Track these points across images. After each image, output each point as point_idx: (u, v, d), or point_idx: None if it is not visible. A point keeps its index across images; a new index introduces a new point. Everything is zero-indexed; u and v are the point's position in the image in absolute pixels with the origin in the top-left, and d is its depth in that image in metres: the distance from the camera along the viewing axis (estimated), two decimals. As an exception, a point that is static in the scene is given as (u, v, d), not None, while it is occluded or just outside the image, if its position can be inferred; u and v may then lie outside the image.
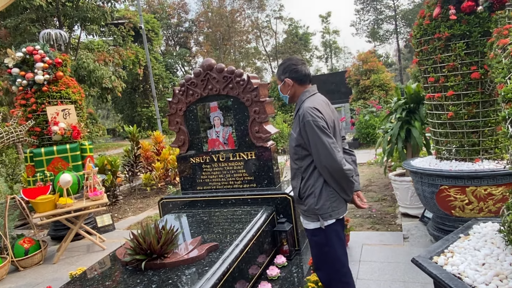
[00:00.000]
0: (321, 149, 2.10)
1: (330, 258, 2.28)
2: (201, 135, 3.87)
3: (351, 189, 2.25)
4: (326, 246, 2.26)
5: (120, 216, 6.45)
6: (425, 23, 3.29)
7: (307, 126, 2.14)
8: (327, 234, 2.24)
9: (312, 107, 2.17)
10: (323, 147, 2.09)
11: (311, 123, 2.12)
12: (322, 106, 2.25)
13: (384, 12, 37.15)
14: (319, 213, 2.20)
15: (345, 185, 2.19)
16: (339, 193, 2.22)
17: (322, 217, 2.20)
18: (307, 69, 2.36)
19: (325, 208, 2.20)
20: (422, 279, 3.01)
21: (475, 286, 1.54)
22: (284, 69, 2.37)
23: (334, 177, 2.15)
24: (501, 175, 2.99)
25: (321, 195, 2.20)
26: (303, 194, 2.27)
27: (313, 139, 2.12)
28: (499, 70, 2.26)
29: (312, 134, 2.12)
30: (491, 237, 1.95)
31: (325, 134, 2.11)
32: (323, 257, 2.31)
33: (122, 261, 2.63)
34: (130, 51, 19.47)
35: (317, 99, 2.29)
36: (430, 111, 3.53)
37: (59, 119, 5.01)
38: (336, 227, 2.26)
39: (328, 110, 2.28)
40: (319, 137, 2.10)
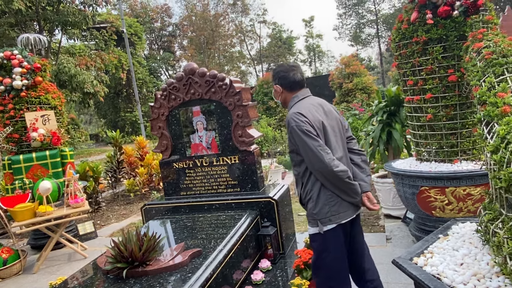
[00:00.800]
0: (309, 153, 2.09)
1: (327, 264, 2.21)
2: (184, 139, 3.84)
3: (353, 191, 2.16)
4: (325, 252, 2.20)
5: (102, 223, 6.33)
6: (403, 27, 3.35)
7: (293, 132, 2.14)
8: (326, 239, 2.18)
9: (295, 112, 2.16)
10: (310, 151, 2.07)
11: (295, 129, 2.11)
12: (309, 109, 2.20)
13: (365, 16, 37.81)
14: (318, 218, 2.16)
15: (342, 187, 2.12)
16: (341, 196, 2.15)
17: (321, 222, 2.15)
18: (297, 75, 2.33)
19: (323, 213, 2.15)
20: (404, 279, 3.05)
21: (454, 286, 1.56)
22: (274, 76, 2.40)
23: (329, 180, 2.11)
24: (479, 175, 3.06)
25: (319, 199, 2.16)
26: (304, 199, 2.26)
27: (301, 144, 2.11)
28: (474, 73, 2.32)
29: (299, 140, 2.11)
30: (469, 237, 1.99)
31: (309, 138, 2.08)
32: (321, 263, 2.25)
33: (103, 269, 2.58)
34: (113, 55, 19.23)
35: (305, 103, 2.26)
36: (409, 113, 3.60)
37: (38, 125, 4.90)
38: (337, 233, 2.18)
39: (317, 113, 2.22)
40: (304, 141, 2.08)
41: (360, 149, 2.41)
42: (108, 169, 8.04)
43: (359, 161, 2.32)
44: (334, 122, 2.30)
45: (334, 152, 2.17)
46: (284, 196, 3.70)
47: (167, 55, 33.78)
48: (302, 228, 4.79)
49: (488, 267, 1.62)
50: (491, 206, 1.81)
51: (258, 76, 36.37)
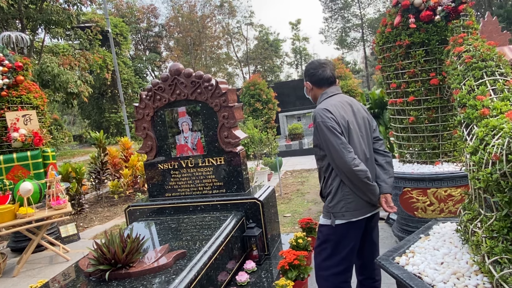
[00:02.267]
0: (331, 149, 2.13)
1: (323, 256, 2.30)
2: (169, 140, 3.82)
3: (371, 191, 2.16)
4: (326, 243, 2.27)
5: (85, 225, 6.23)
6: (387, 31, 3.41)
7: (318, 127, 2.19)
8: (333, 232, 2.24)
9: (322, 108, 2.21)
10: (333, 148, 2.12)
11: (320, 124, 2.16)
12: (336, 107, 2.24)
13: (351, 20, 38.29)
14: (332, 210, 2.22)
15: (360, 186, 2.14)
16: (358, 194, 2.18)
17: (334, 215, 2.21)
18: (326, 72, 2.37)
19: (338, 207, 2.20)
20: (387, 279, 3.07)
21: (434, 285, 1.59)
22: (305, 73, 2.47)
23: (348, 177, 2.14)
24: (460, 177, 3.13)
25: (337, 193, 2.21)
26: (324, 192, 2.32)
27: (324, 140, 2.16)
28: (455, 76, 2.37)
29: (323, 135, 2.16)
30: (450, 236, 2.03)
31: (333, 135, 2.12)
32: (318, 251, 2.33)
33: (85, 272, 2.54)
34: (98, 55, 18.98)
35: (333, 100, 2.30)
36: (393, 116, 3.65)
37: (20, 125, 4.79)
38: (347, 231, 2.22)
39: (343, 111, 2.26)
40: (328, 137, 2.13)
41: (386, 150, 2.44)
42: (91, 170, 7.91)
43: (383, 162, 2.35)
44: (361, 121, 2.33)
45: (356, 151, 2.19)
46: (270, 197, 3.71)
47: (153, 55, 33.52)
48: (287, 229, 4.81)
49: (467, 265, 1.66)
50: (470, 206, 1.85)
51: (245, 78, 36.39)
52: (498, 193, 1.49)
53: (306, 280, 2.98)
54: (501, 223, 1.53)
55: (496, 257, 1.46)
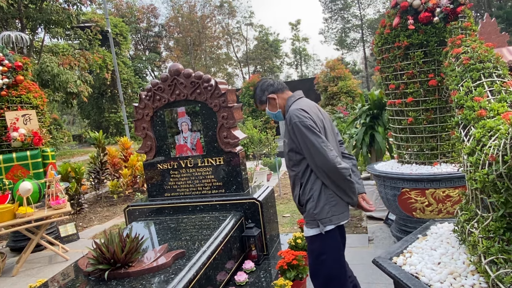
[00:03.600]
0: (312, 150, 2.05)
1: (327, 267, 2.17)
2: (169, 140, 3.83)
3: (352, 190, 2.13)
4: (324, 255, 2.16)
5: (85, 225, 6.24)
6: (385, 32, 3.43)
7: (295, 128, 2.09)
8: (325, 241, 2.15)
9: (297, 109, 2.14)
10: (314, 147, 2.04)
11: (298, 125, 2.07)
12: (309, 107, 2.21)
13: (351, 21, 38.31)
14: (318, 218, 2.11)
15: (343, 185, 2.09)
16: (340, 197, 2.13)
17: (321, 222, 2.11)
18: (279, 80, 2.44)
19: (324, 213, 2.11)
20: (385, 280, 3.10)
21: (431, 284, 1.61)
22: (262, 90, 2.39)
23: (331, 177, 2.07)
24: (458, 177, 3.15)
25: (320, 198, 2.11)
26: (302, 200, 2.19)
27: (302, 140, 2.07)
28: (453, 77, 2.39)
29: (301, 136, 2.07)
30: (447, 237, 2.04)
31: (313, 133, 2.05)
32: (320, 266, 2.20)
33: (85, 271, 2.55)
34: (97, 55, 18.98)
35: (304, 101, 2.28)
36: (391, 116, 3.67)
37: (19, 125, 4.80)
38: (336, 234, 2.17)
39: (317, 111, 2.25)
40: (307, 137, 2.05)
41: (350, 153, 2.45)
42: (91, 170, 7.92)
43: (350, 165, 2.29)
44: (330, 124, 2.34)
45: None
46: (269, 197, 3.72)
47: (153, 55, 33.52)
48: (286, 230, 4.82)
49: (464, 265, 1.67)
50: (468, 207, 1.86)
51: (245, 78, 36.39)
52: (495, 193, 1.51)
53: (304, 280, 3.00)
54: (497, 223, 1.55)
55: (492, 257, 1.48)
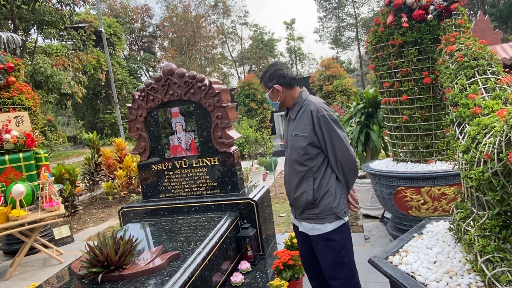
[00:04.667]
0: (337, 143, 2.06)
1: (347, 262, 2.16)
2: (163, 141, 3.80)
3: (352, 184, 2.23)
4: (344, 249, 2.14)
5: (79, 227, 6.18)
6: (379, 30, 3.42)
7: (323, 120, 2.07)
8: (345, 233, 2.16)
9: (323, 102, 2.17)
10: (340, 141, 2.06)
11: (327, 117, 2.07)
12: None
13: (345, 20, 38.37)
14: (337, 211, 2.11)
15: (351, 179, 2.17)
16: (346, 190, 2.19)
17: (340, 215, 2.12)
18: (291, 72, 2.32)
19: (341, 206, 2.13)
20: (382, 278, 3.08)
21: (427, 284, 1.59)
22: (271, 75, 2.26)
23: (346, 171, 2.11)
24: (453, 175, 3.14)
25: (336, 192, 2.13)
26: (317, 195, 2.12)
27: (329, 133, 2.07)
28: (447, 75, 2.38)
29: (328, 128, 2.06)
30: (443, 235, 2.03)
31: (340, 128, 2.10)
32: (340, 262, 2.15)
33: (78, 274, 2.51)
34: (91, 55, 18.85)
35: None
36: (386, 115, 3.66)
37: (12, 127, 4.75)
38: (348, 229, 2.22)
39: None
40: (335, 130, 2.07)
41: None
42: (85, 171, 7.86)
43: None
44: None
45: None
46: (264, 197, 3.70)
47: (147, 56, 33.39)
48: (282, 229, 4.80)
49: (460, 264, 1.66)
50: (463, 205, 1.85)
51: (240, 77, 36.36)
52: (490, 191, 1.49)
53: (300, 280, 2.98)
54: (493, 221, 1.54)
55: (488, 255, 1.46)
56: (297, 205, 2.24)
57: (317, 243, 2.19)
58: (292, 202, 2.29)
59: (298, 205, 2.22)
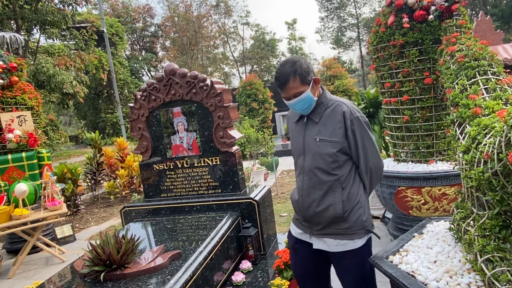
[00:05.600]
0: (370, 149, 1.90)
1: (372, 277, 2.05)
2: (165, 141, 3.81)
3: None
4: (369, 263, 1.98)
5: (81, 226, 6.21)
6: (381, 31, 3.42)
7: (357, 123, 1.86)
8: (371, 248, 2.01)
9: (353, 102, 2.04)
10: (373, 147, 1.91)
11: (361, 120, 1.88)
12: None
13: (347, 20, 38.35)
14: (367, 224, 1.93)
15: (374, 187, 2.05)
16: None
17: (369, 228, 1.94)
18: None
19: (370, 218, 1.96)
20: (382, 278, 3.06)
21: (427, 283, 1.60)
22: (308, 68, 1.91)
23: (373, 179, 1.97)
24: (454, 175, 3.15)
25: (365, 202, 1.96)
26: (347, 207, 1.88)
27: (362, 138, 1.88)
28: (448, 75, 2.39)
29: (361, 132, 1.88)
30: (443, 235, 2.04)
31: (371, 131, 1.95)
32: (367, 278, 2.02)
33: (80, 273, 2.53)
34: (93, 55, 18.90)
35: None
36: (387, 115, 3.67)
37: (14, 126, 4.77)
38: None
39: None
40: (368, 134, 1.90)
41: None
42: (87, 171, 7.89)
43: None
44: None
45: None
46: (266, 197, 3.72)
47: (149, 55, 33.44)
48: (284, 229, 4.81)
49: (460, 264, 1.67)
50: (463, 205, 1.86)
51: (242, 77, 36.39)
52: (490, 191, 1.50)
53: (301, 280, 2.99)
54: (493, 221, 1.54)
55: (488, 255, 1.47)
56: (319, 221, 1.95)
57: (342, 259, 1.95)
58: (311, 217, 1.98)
59: (321, 220, 1.94)
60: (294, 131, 2.10)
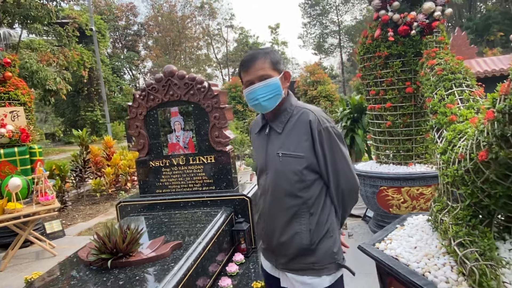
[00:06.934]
0: (342, 167, 1.57)
1: None
2: (161, 139, 3.98)
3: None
4: None
5: (68, 222, 6.25)
6: (367, 43, 3.72)
7: (326, 135, 1.55)
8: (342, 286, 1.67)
9: (321, 110, 1.64)
10: (345, 164, 1.58)
11: (330, 132, 1.55)
12: None
13: (329, 26, 39.22)
14: (339, 258, 1.61)
15: (349, 212, 1.71)
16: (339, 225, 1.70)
17: (340, 263, 1.61)
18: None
19: (340, 249, 1.65)
20: (365, 270, 3.35)
21: (409, 264, 1.86)
22: (280, 59, 1.67)
23: (346, 202, 1.64)
24: (431, 176, 3.47)
25: (335, 231, 1.62)
26: (315, 237, 1.57)
27: (331, 153, 1.55)
28: (428, 86, 2.68)
29: (333, 146, 1.55)
30: (422, 226, 2.31)
31: (344, 145, 1.60)
32: None
33: (86, 261, 2.67)
34: (75, 52, 18.66)
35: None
36: (371, 120, 3.96)
37: (7, 121, 4.82)
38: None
39: None
40: (341, 149, 1.57)
41: None
42: (73, 168, 7.89)
43: None
44: None
45: None
46: (257, 194, 3.93)
47: (131, 54, 33.15)
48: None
49: (437, 248, 1.94)
50: (440, 199, 2.14)
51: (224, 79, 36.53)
52: (463, 186, 1.78)
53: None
54: (464, 212, 1.82)
55: (460, 239, 1.74)
56: (284, 252, 1.62)
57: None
58: (275, 247, 1.65)
59: (286, 252, 1.62)
60: (256, 144, 1.78)
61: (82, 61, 20.54)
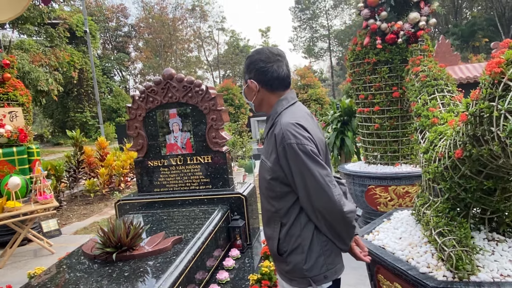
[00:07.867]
0: (311, 185, 1.46)
1: None
2: (160, 139, 4.12)
3: (351, 236, 1.57)
4: None
5: (63, 222, 6.33)
6: (357, 49, 3.93)
7: (289, 151, 1.47)
8: None
9: (294, 123, 1.50)
10: (316, 183, 1.45)
11: (295, 148, 1.46)
12: (307, 121, 1.58)
13: (319, 31, 39.70)
14: (310, 275, 1.52)
15: (345, 232, 1.53)
16: (334, 243, 1.55)
17: (314, 280, 1.52)
18: (282, 69, 1.63)
19: (318, 267, 1.52)
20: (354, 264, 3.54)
21: (394, 252, 2.06)
22: (249, 66, 1.66)
23: (330, 222, 1.50)
24: (416, 176, 3.69)
25: (312, 249, 1.53)
26: (284, 248, 1.56)
27: (298, 170, 1.47)
28: (413, 91, 2.90)
29: (297, 163, 1.47)
30: (406, 220, 2.52)
31: (316, 163, 1.46)
32: None
33: (90, 254, 2.81)
34: (65, 53, 18.61)
35: (299, 110, 1.63)
36: (360, 123, 4.18)
37: (6, 122, 4.91)
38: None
39: (315, 127, 1.64)
40: (307, 167, 1.45)
41: (339, 176, 1.81)
42: (66, 168, 7.96)
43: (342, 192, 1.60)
44: (323, 142, 1.68)
45: None
46: (252, 193, 4.11)
47: (121, 55, 33.07)
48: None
49: (419, 238, 2.14)
50: (423, 195, 2.35)
51: (215, 82, 36.66)
52: (442, 182, 1.98)
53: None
54: (444, 205, 2.02)
55: (440, 229, 1.95)
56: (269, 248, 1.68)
57: None
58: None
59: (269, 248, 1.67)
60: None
61: (72, 62, 20.49)
